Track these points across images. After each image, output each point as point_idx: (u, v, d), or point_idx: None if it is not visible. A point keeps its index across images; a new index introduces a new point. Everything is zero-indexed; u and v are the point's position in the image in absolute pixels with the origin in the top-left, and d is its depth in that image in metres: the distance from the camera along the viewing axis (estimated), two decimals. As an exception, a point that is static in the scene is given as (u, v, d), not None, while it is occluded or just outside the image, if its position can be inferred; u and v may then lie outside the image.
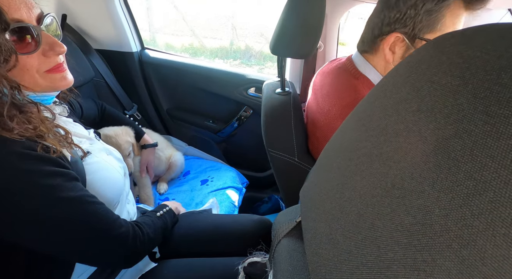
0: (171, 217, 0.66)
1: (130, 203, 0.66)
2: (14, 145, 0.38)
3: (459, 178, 0.15)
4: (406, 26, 0.56)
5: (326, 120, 0.69)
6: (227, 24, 4.48)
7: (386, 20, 0.58)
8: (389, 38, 0.59)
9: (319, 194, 0.31)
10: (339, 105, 0.65)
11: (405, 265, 0.17)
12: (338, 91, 0.67)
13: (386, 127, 0.22)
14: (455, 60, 0.18)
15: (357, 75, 0.66)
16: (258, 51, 3.96)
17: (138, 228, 0.52)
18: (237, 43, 4.30)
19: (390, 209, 0.19)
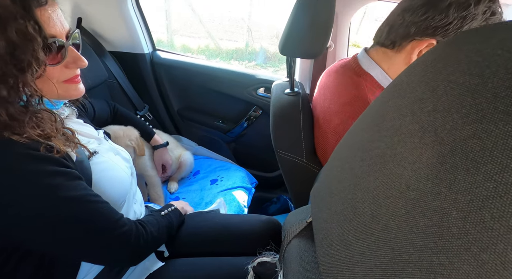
0: (176, 216, 0.67)
1: (137, 203, 0.67)
2: (17, 145, 0.39)
3: (478, 179, 0.15)
4: (445, 37, 0.53)
5: (325, 117, 0.68)
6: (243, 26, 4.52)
7: (429, 22, 0.53)
8: (423, 43, 0.55)
9: (331, 194, 0.31)
10: (337, 103, 0.64)
11: (421, 268, 0.17)
12: (339, 89, 0.66)
13: (400, 127, 0.22)
14: (474, 59, 0.18)
15: (360, 72, 0.64)
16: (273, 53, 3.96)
17: (142, 226, 0.53)
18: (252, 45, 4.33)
19: (405, 210, 0.19)
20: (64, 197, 0.41)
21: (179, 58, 1.29)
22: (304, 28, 0.65)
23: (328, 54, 1.08)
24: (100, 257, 0.48)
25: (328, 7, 0.62)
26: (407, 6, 0.56)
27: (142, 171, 1.00)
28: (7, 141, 0.39)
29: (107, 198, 0.49)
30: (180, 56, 1.32)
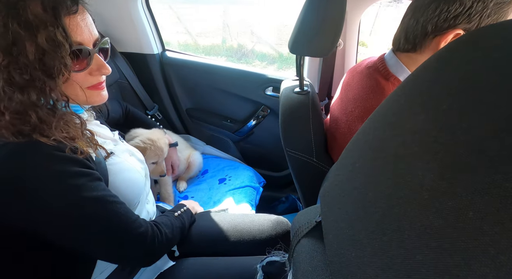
0: (188, 217, 0.68)
1: (150, 203, 0.68)
2: (45, 147, 0.41)
3: (497, 179, 0.14)
4: (471, 22, 0.50)
5: (347, 121, 0.67)
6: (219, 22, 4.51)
7: (444, 14, 0.51)
8: (447, 35, 0.52)
9: (341, 194, 0.30)
10: (362, 107, 0.62)
11: (436, 269, 0.16)
12: (364, 92, 0.63)
13: (413, 126, 0.22)
14: (492, 55, 0.17)
15: (388, 76, 0.61)
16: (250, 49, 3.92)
17: (157, 228, 0.54)
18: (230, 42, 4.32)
19: (419, 210, 0.19)
20: (87, 197, 0.43)
21: (188, 58, 1.30)
22: (314, 26, 0.64)
23: (337, 52, 1.07)
24: (116, 256, 0.49)
25: (339, 5, 0.61)
26: (417, 6, 0.55)
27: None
28: (35, 142, 0.41)
29: (122, 198, 0.50)
30: (189, 56, 1.33)
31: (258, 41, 2.49)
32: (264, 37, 2.54)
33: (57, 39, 0.40)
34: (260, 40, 2.42)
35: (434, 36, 0.54)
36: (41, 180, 0.40)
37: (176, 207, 0.69)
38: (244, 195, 1.02)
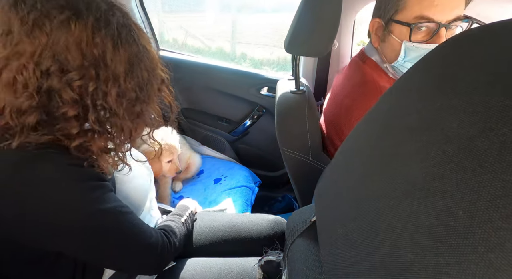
0: (192, 220, 0.68)
1: (154, 209, 0.67)
2: (61, 158, 0.39)
3: (485, 178, 0.15)
4: (380, 10, 0.64)
5: (340, 115, 0.71)
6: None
7: (374, 9, 0.67)
8: (371, 23, 0.66)
9: (335, 193, 0.30)
10: (348, 85, 0.71)
11: (427, 267, 0.17)
12: (348, 75, 0.73)
13: (406, 126, 0.22)
14: (482, 56, 0.18)
15: (364, 58, 0.71)
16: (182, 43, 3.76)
17: (167, 237, 0.53)
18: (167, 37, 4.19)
19: (410, 210, 0.19)
20: (101, 210, 0.42)
21: (183, 58, 1.30)
22: (310, 26, 0.64)
23: (332, 53, 1.07)
24: (126, 266, 0.49)
25: (334, 5, 0.61)
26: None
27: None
28: (52, 153, 0.39)
29: (130, 205, 0.49)
30: (184, 55, 1.32)
31: (189, 35, 2.48)
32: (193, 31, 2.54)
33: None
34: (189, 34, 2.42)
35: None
36: (57, 192, 0.39)
37: (180, 208, 0.68)
38: (239, 195, 1.02)
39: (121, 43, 0.40)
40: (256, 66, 1.74)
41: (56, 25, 0.36)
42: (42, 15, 0.35)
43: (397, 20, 0.60)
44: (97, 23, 0.38)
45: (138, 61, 0.42)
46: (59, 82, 0.37)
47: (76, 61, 0.37)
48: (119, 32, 0.40)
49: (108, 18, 0.39)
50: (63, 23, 0.36)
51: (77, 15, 0.37)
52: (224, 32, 3.05)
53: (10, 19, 0.35)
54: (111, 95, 0.40)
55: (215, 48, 2.81)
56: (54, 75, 0.37)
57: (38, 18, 0.35)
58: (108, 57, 0.39)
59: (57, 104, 0.38)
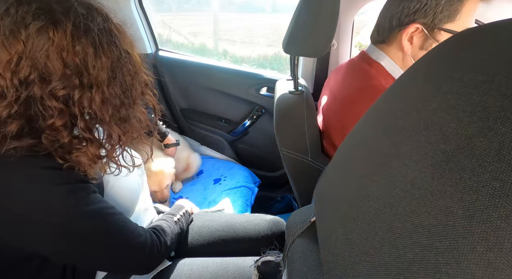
0: (187, 220, 0.67)
1: (148, 209, 0.67)
2: (41, 161, 0.39)
3: (484, 178, 0.15)
4: (426, 17, 0.57)
5: (338, 115, 0.69)
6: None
7: (406, 11, 0.58)
8: (408, 29, 0.59)
9: (334, 193, 0.30)
10: (352, 89, 0.66)
11: (426, 267, 0.17)
12: (351, 77, 0.68)
13: (405, 126, 0.22)
14: (479, 56, 0.18)
15: (370, 62, 0.67)
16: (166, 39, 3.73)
17: (156, 236, 0.53)
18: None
19: (410, 209, 0.19)
20: (85, 211, 0.41)
21: (182, 58, 1.29)
22: (308, 26, 0.64)
23: (331, 53, 1.07)
24: (115, 267, 0.49)
25: (332, 5, 0.62)
26: (386, 5, 0.64)
27: None
28: (32, 156, 0.38)
29: (120, 206, 0.49)
30: (183, 55, 1.32)
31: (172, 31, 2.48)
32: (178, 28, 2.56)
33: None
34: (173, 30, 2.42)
35: (399, 30, 0.61)
36: (38, 200, 0.38)
37: (175, 208, 0.68)
38: (239, 195, 1.02)
39: (102, 50, 0.39)
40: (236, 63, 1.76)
41: (33, 32, 0.34)
42: (17, 22, 0.34)
43: (450, 29, 0.57)
44: (76, 30, 0.36)
45: (121, 67, 0.42)
46: (41, 91, 0.36)
47: (58, 70, 0.36)
48: (100, 38, 0.39)
49: (88, 23, 0.38)
50: (40, 30, 0.35)
51: (54, 22, 0.35)
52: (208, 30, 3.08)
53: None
54: (95, 102, 0.39)
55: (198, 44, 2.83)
56: (34, 83, 0.36)
57: (12, 25, 0.34)
58: (90, 65, 0.38)
59: (41, 113, 0.37)
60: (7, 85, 0.35)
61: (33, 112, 0.37)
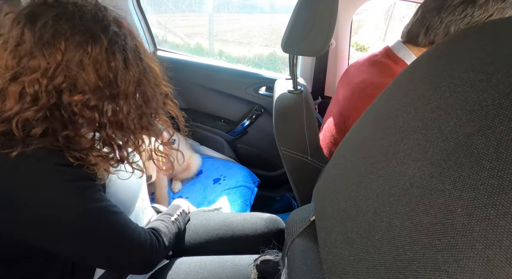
0: (184, 219, 0.68)
1: (146, 208, 0.67)
2: (51, 158, 0.40)
3: (483, 176, 0.15)
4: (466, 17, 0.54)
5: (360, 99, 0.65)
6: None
7: (468, 18, 0.54)
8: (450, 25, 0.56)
9: (334, 192, 0.30)
10: (375, 83, 0.63)
11: (425, 265, 0.17)
12: (374, 71, 0.65)
13: (403, 125, 0.22)
14: (478, 55, 0.18)
15: (396, 60, 0.64)
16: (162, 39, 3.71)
17: (155, 236, 0.53)
18: None
19: (409, 208, 0.19)
20: (91, 208, 0.43)
21: (181, 58, 1.29)
22: (306, 25, 0.64)
23: (330, 52, 1.07)
24: (115, 265, 0.49)
25: (331, 4, 0.62)
26: (444, 5, 0.57)
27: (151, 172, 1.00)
28: (40, 152, 0.39)
29: (120, 205, 0.49)
30: (182, 55, 1.32)
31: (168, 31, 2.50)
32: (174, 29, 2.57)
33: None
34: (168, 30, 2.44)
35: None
36: (47, 195, 0.39)
37: (172, 208, 0.68)
38: (239, 195, 1.02)
39: (131, 65, 0.43)
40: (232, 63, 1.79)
41: (72, 45, 0.38)
42: (58, 34, 0.37)
43: None
44: (111, 46, 0.40)
45: (145, 79, 0.46)
46: (70, 99, 0.40)
47: (92, 82, 0.40)
48: (129, 54, 0.43)
49: (119, 41, 0.42)
50: (80, 44, 0.38)
51: (93, 38, 0.39)
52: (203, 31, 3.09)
53: (24, 34, 0.37)
54: (123, 112, 0.43)
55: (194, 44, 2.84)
56: (66, 92, 0.39)
57: (54, 36, 0.37)
58: (120, 78, 0.42)
59: (69, 120, 0.41)
60: (41, 90, 0.38)
61: (60, 118, 0.40)
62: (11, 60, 0.37)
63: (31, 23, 0.37)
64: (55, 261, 0.48)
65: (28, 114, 0.38)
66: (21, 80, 0.37)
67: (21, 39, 0.37)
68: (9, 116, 0.38)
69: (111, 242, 0.45)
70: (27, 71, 0.37)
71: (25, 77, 0.37)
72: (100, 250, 0.45)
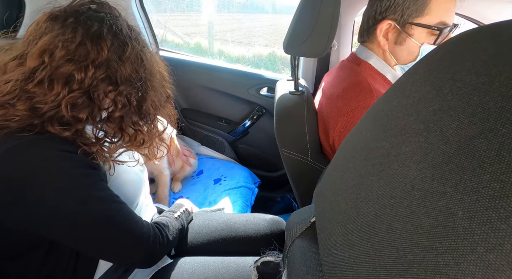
0: (187, 217, 0.68)
1: (149, 205, 0.67)
2: (56, 145, 0.42)
3: (485, 179, 0.15)
4: (396, 13, 0.62)
5: (329, 104, 0.72)
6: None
7: (378, 9, 0.64)
8: (381, 25, 0.65)
9: (334, 194, 0.30)
10: (340, 88, 0.70)
11: (426, 268, 0.17)
12: (340, 77, 0.73)
13: (405, 127, 0.22)
14: (480, 57, 0.18)
15: (358, 62, 0.71)
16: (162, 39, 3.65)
17: (158, 230, 0.54)
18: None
19: (410, 210, 0.19)
20: (94, 196, 0.44)
21: (182, 58, 1.29)
22: (308, 27, 0.64)
23: (332, 53, 1.07)
24: (117, 256, 0.49)
25: (333, 5, 0.62)
26: (368, 5, 0.69)
27: (158, 170, 1.01)
28: (45, 138, 0.42)
29: (123, 198, 0.50)
30: (184, 55, 1.32)
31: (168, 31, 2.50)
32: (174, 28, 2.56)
33: None
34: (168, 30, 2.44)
35: (375, 28, 0.67)
36: (52, 180, 0.41)
37: (175, 206, 0.69)
38: (239, 195, 1.02)
39: (152, 63, 0.53)
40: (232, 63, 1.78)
41: (116, 44, 0.47)
42: (106, 34, 0.46)
43: (422, 23, 0.61)
44: (142, 49, 0.51)
45: (160, 78, 0.56)
46: (106, 87, 0.46)
47: (127, 75, 0.48)
48: (150, 56, 0.53)
49: (145, 46, 0.53)
50: (122, 44, 0.47)
51: (132, 40, 0.49)
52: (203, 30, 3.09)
53: (77, 30, 0.44)
54: (146, 102, 0.51)
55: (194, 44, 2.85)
56: (103, 80, 0.46)
57: (102, 35, 0.45)
58: (148, 74, 0.51)
59: (100, 105, 0.47)
60: (87, 77, 0.44)
61: (94, 103, 0.46)
62: (61, 50, 0.43)
63: (83, 21, 0.45)
64: (57, 254, 0.49)
65: (74, 96, 0.43)
66: (70, 66, 0.43)
67: (72, 33, 0.44)
68: (56, 99, 0.43)
69: (114, 232, 0.46)
70: (76, 59, 0.43)
71: (73, 64, 0.43)
72: (102, 239, 0.46)
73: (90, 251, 0.48)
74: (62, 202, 0.41)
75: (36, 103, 0.42)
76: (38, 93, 0.42)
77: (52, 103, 0.42)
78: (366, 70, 0.69)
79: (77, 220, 0.43)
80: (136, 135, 0.52)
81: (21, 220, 0.42)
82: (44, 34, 0.44)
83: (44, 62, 0.42)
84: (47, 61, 0.42)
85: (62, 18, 0.45)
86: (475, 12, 0.79)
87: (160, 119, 0.60)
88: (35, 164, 0.40)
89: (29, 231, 0.44)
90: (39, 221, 0.42)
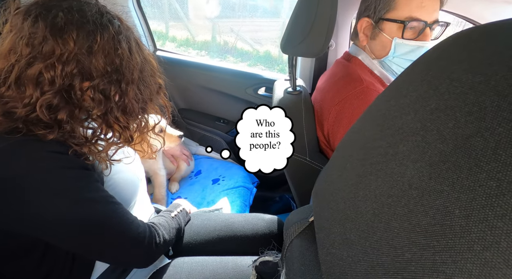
0: (184, 217, 0.68)
1: (145, 204, 0.67)
2: (45, 146, 0.41)
3: (481, 178, 0.15)
4: (370, 10, 0.68)
5: (323, 97, 0.75)
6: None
7: (361, 9, 0.71)
8: (360, 23, 0.70)
9: (332, 193, 0.31)
10: (332, 81, 0.75)
11: (424, 266, 0.17)
12: (333, 72, 0.78)
13: (402, 126, 0.22)
14: (477, 57, 0.18)
15: (348, 58, 0.76)
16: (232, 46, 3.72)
17: (154, 229, 0.53)
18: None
19: (407, 209, 0.19)
20: (87, 198, 0.43)
21: (180, 58, 1.29)
22: (306, 26, 0.64)
23: (329, 53, 1.07)
24: (113, 257, 0.49)
25: (330, 5, 0.62)
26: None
27: (153, 171, 1.00)
28: (34, 140, 0.40)
29: (119, 199, 0.49)
30: (181, 56, 1.32)
31: (239, 39, 2.48)
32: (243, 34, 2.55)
33: None
34: (239, 38, 2.43)
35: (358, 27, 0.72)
36: (42, 181, 0.40)
37: (172, 206, 0.68)
38: (237, 195, 1.02)
39: (134, 53, 0.48)
40: None
41: (83, 33, 0.42)
42: (71, 23, 0.41)
43: (390, 18, 0.64)
44: (117, 35, 0.45)
45: (146, 68, 0.51)
46: (81, 84, 0.43)
47: (101, 67, 0.43)
48: (132, 44, 0.48)
49: (123, 32, 0.46)
50: (90, 32, 0.42)
51: (102, 27, 0.43)
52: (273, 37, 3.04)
53: (38, 24, 0.40)
54: (128, 96, 0.47)
55: (263, 52, 2.81)
56: (76, 76, 0.42)
57: (66, 26, 0.41)
58: (126, 65, 0.46)
59: (80, 103, 0.44)
60: (57, 75, 0.41)
61: (73, 102, 0.43)
62: (25, 48, 0.39)
63: (44, 14, 0.40)
64: (54, 255, 0.48)
65: (48, 98, 0.40)
66: (38, 65, 0.40)
67: (35, 28, 0.40)
68: (30, 102, 0.40)
69: (108, 233, 0.45)
70: (42, 56, 0.40)
71: (41, 62, 0.40)
72: (98, 240, 0.45)
73: (85, 252, 0.47)
74: (53, 204, 0.40)
75: (11, 108, 0.40)
76: (12, 96, 0.40)
77: (26, 107, 0.40)
78: (356, 65, 0.73)
79: (70, 222, 0.42)
80: (123, 132, 0.49)
81: (12, 222, 0.41)
82: (9, 31, 0.41)
83: (11, 63, 0.40)
84: (13, 61, 0.40)
85: (24, 12, 0.41)
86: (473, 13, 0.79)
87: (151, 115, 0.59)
88: (23, 165, 0.39)
89: (24, 233, 0.43)
90: (31, 223, 0.41)
